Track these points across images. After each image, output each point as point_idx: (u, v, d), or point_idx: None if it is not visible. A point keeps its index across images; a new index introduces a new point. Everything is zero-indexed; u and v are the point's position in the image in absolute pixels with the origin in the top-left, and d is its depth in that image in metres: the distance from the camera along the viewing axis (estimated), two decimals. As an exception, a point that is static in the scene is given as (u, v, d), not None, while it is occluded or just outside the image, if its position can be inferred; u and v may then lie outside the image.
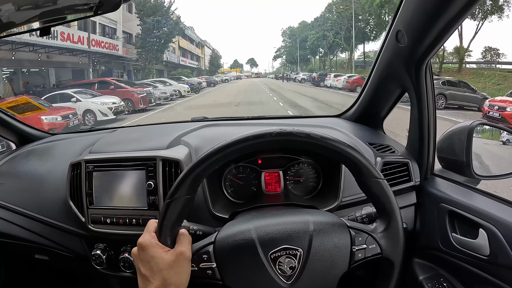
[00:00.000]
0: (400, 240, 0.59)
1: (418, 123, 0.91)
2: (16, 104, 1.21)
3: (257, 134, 0.58)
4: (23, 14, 0.80)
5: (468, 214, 0.78)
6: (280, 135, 0.58)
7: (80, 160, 0.94)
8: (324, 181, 0.96)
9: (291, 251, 0.56)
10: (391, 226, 0.59)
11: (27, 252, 1.13)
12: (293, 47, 38.07)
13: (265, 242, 0.57)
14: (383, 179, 0.59)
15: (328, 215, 0.62)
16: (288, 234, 0.57)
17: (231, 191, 0.97)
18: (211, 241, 0.59)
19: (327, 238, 0.57)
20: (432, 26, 0.72)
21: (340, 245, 0.57)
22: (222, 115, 1.51)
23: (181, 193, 0.57)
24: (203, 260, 0.58)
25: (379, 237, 0.59)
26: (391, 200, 0.59)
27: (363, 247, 0.58)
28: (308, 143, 0.59)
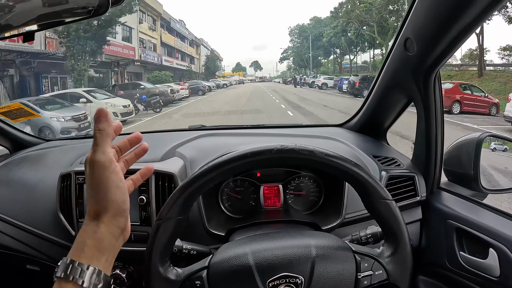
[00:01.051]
0: (408, 265, 0.55)
1: (425, 135, 0.87)
2: (9, 110, 1.18)
3: (256, 151, 0.54)
4: (21, 18, 0.77)
5: (477, 232, 0.74)
6: (281, 152, 0.54)
7: (70, 171, 0.90)
8: (326, 196, 0.92)
9: (291, 279, 0.52)
10: (399, 251, 0.55)
11: (18, 263, 1.09)
12: (302, 47, 34.32)
13: (263, 269, 0.53)
14: (391, 200, 0.56)
15: (331, 238, 0.59)
16: (289, 260, 0.54)
17: (228, 205, 0.93)
18: (205, 265, 0.55)
19: (330, 264, 0.54)
20: (444, 34, 0.68)
21: (344, 272, 0.53)
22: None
23: (172, 213, 0.54)
24: (195, 286, 0.54)
25: (386, 262, 0.55)
26: (399, 223, 0.55)
27: (369, 273, 0.54)
28: (311, 161, 0.55)
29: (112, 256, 0.46)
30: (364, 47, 26.96)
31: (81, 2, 0.77)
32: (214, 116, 9.81)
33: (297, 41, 35.81)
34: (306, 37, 33.45)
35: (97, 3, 0.73)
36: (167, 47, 24.46)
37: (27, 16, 0.77)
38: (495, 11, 0.61)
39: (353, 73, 23.69)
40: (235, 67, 46.77)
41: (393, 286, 0.55)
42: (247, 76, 45.53)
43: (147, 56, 20.32)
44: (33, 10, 0.75)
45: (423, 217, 0.90)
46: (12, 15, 0.76)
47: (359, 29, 23.47)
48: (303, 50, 33.92)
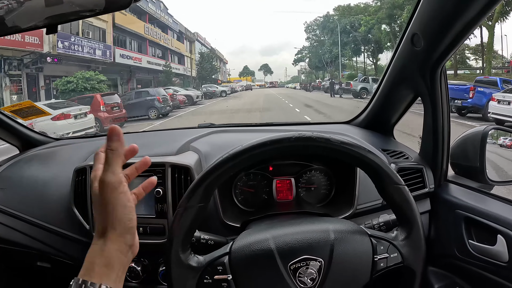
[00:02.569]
0: (422, 248, 0.57)
1: (432, 129, 0.89)
2: (20, 108, 1.19)
3: (275, 139, 0.56)
4: (28, 19, 0.79)
5: (485, 220, 0.76)
6: (299, 140, 0.56)
7: (85, 166, 0.91)
8: (337, 189, 0.94)
9: (311, 261, 0.54)
10: (412, 234, 0.57)
11: (29, 259, 1.10)
12: (320, 46, 27.80)
13: (284, 253, 0.55)
14: (404, 185, 0.58)
15: (348, 223, 0.60)
16: (308, 244, 0.55)
17: (241, 199, 0.94)
18: (226, 251, 0.57)
19: (348, 247, 0.55)
20: (450, 29, 0.70)
21: (361, 255, 0.55)
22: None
23: (194, 200, 0.55)
24: (217, 272, 0.55)
25: (401, 245, 0.57)
26: (412, 207, 0.57)
27: (385, 256, 0.56)
28: (327, 149, 0.57)
29: (122, 271, 0.46)
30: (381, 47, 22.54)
31: (88, 5, 0.79)
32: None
33: (314, 39, 29.16)
34: (331, 29, 26.08)
35: (103, 6, 0.76)
36: (131, 36, 16.58)
37: (34, 18, 0.79)
38: (497, 5, 0.63)
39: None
40: (242, 70, 40.20)
41: (408, 270, 0.57)
42: (256, 81, 39.54)
43: (75, 46, 11.80)
44: (41, 12, 0.77)
45: (431, 208, 0.92)
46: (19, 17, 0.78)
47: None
48: (323, 49, 27.60)
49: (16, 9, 0.77)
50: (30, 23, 0.80)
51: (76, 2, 0.78)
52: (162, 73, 19.46)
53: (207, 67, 25.52)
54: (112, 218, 0.46)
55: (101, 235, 0.46)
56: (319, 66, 29.18)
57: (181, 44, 23.68)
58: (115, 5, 0.74)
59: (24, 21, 0.80)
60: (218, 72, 28.89)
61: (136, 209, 0.87)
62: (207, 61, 25.91)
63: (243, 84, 29.91)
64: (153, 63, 19.13)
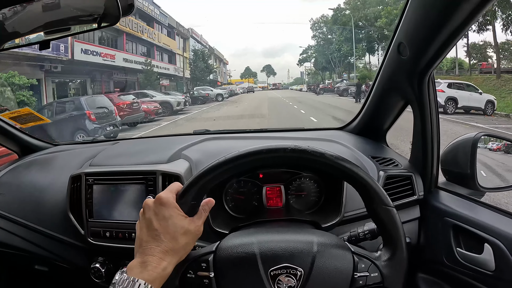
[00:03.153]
0: (403, 271, 0.58)
1: (421, 135, 0.90)
2: (18, 115, 1.22)
3: (271, 148, 0.58)
4: (28, 25, 0.81)
5: (473, 228, 0.77)
6: (294, 152, 0.57)
7: (80, 173, 0.94)
8: (326, 196, 0.95)
9: (292, 270, 0.55)
10: (396, 256, 0.58)
11: (26, 263, 1.12)
12: (327, 44, 25.49)
13: (266, 258, 0.56)
14: (393, 207, 0.58)
15: (332, 237, 0.61)
16: (291, 253, 0.56)
17: (231, 205, 0.95)
18: (212, 250, 0.59)
19: (329, 260, 0.56)
20: (434, 38, 0.71)
21: (342, 270, 0.56)
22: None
23: (188, 197, 0.56)
24: (201, 268, 0.57)
25: (383, 265, 0.58)
26: (398, 230, 0.58)
27: (365, 274, 0.57)
28: (321, 163, 0.58)
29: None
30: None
31: (87, 10, 0.81)
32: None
33: (321, 37, 26.52)
34: (344, 23, 22.91)
35: (102, 11, 0.77)
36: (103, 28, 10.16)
37: (33, 23, 0.81)
38: (481, 14, 0.64)
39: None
40: (244, 72, 37.98)
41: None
42: (258, 82, 37.21)
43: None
44: (40, 18, 0.79)
45: (421, 215, 0.92)
46: (20, 23, 0.80)
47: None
48: (330, 48, 25.07)
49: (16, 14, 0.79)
50: (30, 29, 0.82)
51: (74, 6, 0.80)
52: (142, 73, 16.15)
53: (201, 66, 21.70)
54: (183, 252, 0.57)
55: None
56: (326, 67, 26.94)
57: (172, 40, 20.04)
58: (109, 18, 0.76)
59: (24, 27, 0.82)
60: (215, 72, 25.87)
61: (129, 216, 0.89)
62: (202, 59, 22.08)
63: (244, 86, 27.78)
64: (133, 61, 15.65)
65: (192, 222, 0.55)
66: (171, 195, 0.56)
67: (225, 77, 32.42)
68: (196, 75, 21.60)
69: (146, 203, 0.57)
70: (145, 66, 16.28)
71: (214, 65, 26.65)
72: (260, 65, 42.66)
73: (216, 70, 27.50)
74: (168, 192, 0.56)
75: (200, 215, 0.57)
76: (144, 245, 0.53)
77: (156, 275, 0.50)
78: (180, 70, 20.58)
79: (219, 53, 31.50)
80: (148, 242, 0.53)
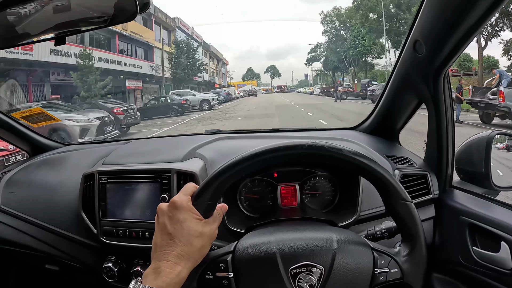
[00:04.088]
0: (423, 266, 0.57)
1: (436, 134, 0.89)
2: (30, 114, 1.23)
3: (288, 145, 0.57)
4: (38, 26, 0.81)
5: (489, 226, 0.76)
6: (311, 148, 0.57)
7: (93, 172, 0.94)
8: (341, 195, 0.94)
9: (312, 268, 0.55)
10: (415, 251, 0.57)
11: (37, 262, 1.13)
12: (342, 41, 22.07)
13: (286, 257, 0.55)
14: (411, 202, 0.58)
15: (351, 234, 0.61)
16: (311, 250, 0.56)
17: (246, 205, 0.95)
18: (230, 250, 0.58)
19: (350, 257, 0.56)
20: (451, 35, 0.71)
21: (362, 266, 0.56)
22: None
23: (205, 197, 0.56)
24: (219, 269, 0.56)
25: (402, 261, 0.57)
26: (417, 224, 0.58)
27: (385, 270, 0.56)
28: (338, 159, 0.58)
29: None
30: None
31: (97, 12, 0.81)
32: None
33: (333, 33, 22.93)
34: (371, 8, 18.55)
35: (112, 12, 0.77)
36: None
37: (44, 24, 0.81)
38: (497, 11, 0.64)
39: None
40: (246, 73, 34.46)
41: (407, 286, 0.57)
42: (262, 85, 34.25)
43: None
44: (51, 19, 0.79)
45: (436, 215, 0.92)
46: (31, 24, 0.80)
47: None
48: (344, 45, 21.66)
49: (27, 17, 0.79)
50: (40, 30, 0.82)
51: (84, 8, 0.80)
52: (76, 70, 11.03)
53: (184, 63, 16.59)
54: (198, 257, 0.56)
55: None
56: (338, 67, 23.17)
57: (147, 29, 15.67)
58: (122, 16, 0.76)
59: (35, 29, 0.82)
60: (204, 71, 21.65)
61: (143, 215, 0.89)
62: (187, 54, 17.01)
63: (246, 89, 25.55)
64: (64, 52, 11.02)
65: (207, 225, 0.55)
66: (185, 198, 0.55)
67: (224, 78, 29.99)
68: (178, 74, 16.64)
69: (160, 207, 0.56)
70: (82, 58, 10.54)
71: (210, 63, 23.24)
72: (264, 67, 38.64)
73: (207, 68, 23.49)
74: (182, 195, 0.56)
75: (215, 218, 0.57)
76: (159, 250, 0.53)
77: (170, 281, 0.50)
78: (160, 69, 15.65)
79: (217, 51, 27.90)
80: (162, 247, 0.53)
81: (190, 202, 0.55)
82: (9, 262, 1.24)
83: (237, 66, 46.11)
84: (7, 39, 0.83)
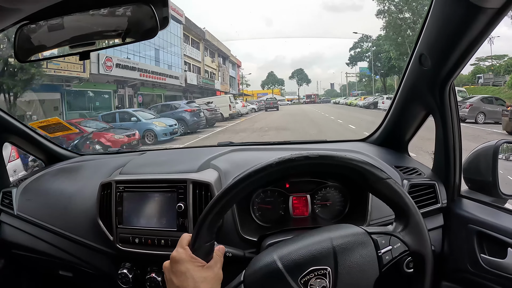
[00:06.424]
0: (424, 232, 0.58)
1: (443, 144, 0.91)
2: (47, 124, 1.28)
3: (258, 168, 0.59)
4: (54, 39, 0.85)
5: (496, 234, 0.77)
6: (280, 164, 0.59)
7: (111, 181, 0.97)
8: (351, 205, 0.96)
9: (319, 271, 0.56)
10: (410, 222, 0.59)
11: (51, 268, 1.15)
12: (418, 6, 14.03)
13: (291, 269, 0.57)
14: (389, 178, 0.60)
15: (346, 227, 0.62)
16: (312, 256, 0.58)
17: (258, 215, 0.97)
18: (240, 280, 0.60)
19: (350, 250, 0.57)
20: (454, 48, 0.74)
21: (365, 254, 0.57)
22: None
23: (200, 242, 0.59)
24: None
25: (402, 235, 0.59)
26: (403, 197, 0.59)
27: (389, 248, 0.58)
28: (309, 165, 0.60)
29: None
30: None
31: (111, 26, 0.85)
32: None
33: (394, 12, 15.28)
34: None
35: (126, 27, 0.81)
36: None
37: (60, 38, 0.85)
38: (498, 24, 0.66)
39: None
40: (267, 79, 27.10)
41: (417, 255, 0.58)
42: (286, 94, 27.01)
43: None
44: (66, 32, 0.83)
45: (444, 224, 0.93)
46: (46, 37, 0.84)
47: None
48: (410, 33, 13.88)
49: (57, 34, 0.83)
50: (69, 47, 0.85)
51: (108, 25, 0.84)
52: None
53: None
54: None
55: None
56: (396, 67, 15.07)
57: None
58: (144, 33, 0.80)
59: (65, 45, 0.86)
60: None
61: (159, 223, 0.93)
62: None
63: (263, 99, 17.58)
64: None
65: (209, 269, 0.58)
66: (182, 250, 0.59)
67: (234, 84, 22.60)
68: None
69: (164, 265, 0.60)
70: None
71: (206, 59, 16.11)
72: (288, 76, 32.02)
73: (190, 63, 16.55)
74: (179, 248, 0.60)
75: (216, 260, 0.60)
76: None
77: None
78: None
79: (219, 43, 19.38)
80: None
81: (188, 252, 0.58)
82: (22, 267, 1.27)
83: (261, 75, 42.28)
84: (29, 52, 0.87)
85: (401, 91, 1.02)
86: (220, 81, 20.47)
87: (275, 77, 26.53)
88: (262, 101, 17.28)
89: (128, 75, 13.80)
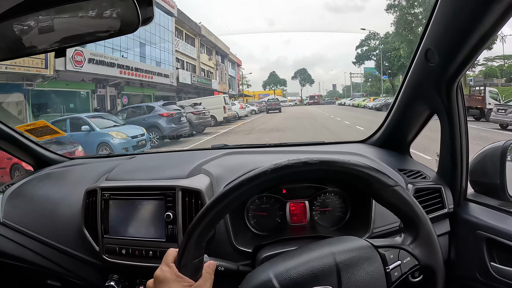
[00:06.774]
0: (435, 244, 0.53)
1: (450, 146, 0.86)
2: (34, 127, 1.22)
3: (251, 176, 0.53)
4: (45, 40, 0.81)
5: (507, 241, 0.73)
6: (275, 171, 0.53)
7: (96, 187, 0.92)
8: (353, 211, 0.91)
9: None
10: (421, 233, 0.54)
11: (39, 277, 1.11)
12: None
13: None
14: (397, 185, 0.54)
15: (350, 240, 0.57)
16: (313, 274, 0.52)
17: (254, 222, 0.92)
18: None
19: (355, 267, 0.52)
20: (465, 42, 0.69)
21: (372, 271, 0.51)
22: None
23: (187, 260, 0.53)
24: None
25: (412, 248, 0.53)
26: (412, 206, 0.54)
27: (397, 263, 0.52)
28: (309, 172, 0.54)
29: None
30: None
31: (103, 27, 0.81)
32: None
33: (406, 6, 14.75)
34: None
35: (118, 27, 0.77)
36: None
37: (51, 39, 0.81)
38: (510, 18, 0.61)
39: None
40: (268, 79, 26.54)
41: (427, 269, 0.54)
42: (288, 94, 26.31)
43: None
44: (58, 33, 0.79)
45: (451, 229, 0.89)
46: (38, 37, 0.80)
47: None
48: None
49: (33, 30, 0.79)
50: (46, 44, 0.82)
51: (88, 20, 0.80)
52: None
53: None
54: None
55: None
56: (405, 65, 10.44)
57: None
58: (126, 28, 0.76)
59: (41, 42, 0.82)
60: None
61: (147, 233, 0.87)
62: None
63: (264, 100, 16.40)
64: None
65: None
66: (167, 269, 0.53)
67: (234, 84, 21.69)
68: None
69: (148, 285, 0.54)
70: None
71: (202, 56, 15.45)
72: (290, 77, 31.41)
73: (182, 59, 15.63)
74: (164, 266, 0.54)
75: (205, 279, 0.54)
76: None
77: None
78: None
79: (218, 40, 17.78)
80: None
81: (174, 271, 0.52)
82: (10, 276, 1.22)
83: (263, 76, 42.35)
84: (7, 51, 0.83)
85: (404, 89, 0.97)
86: (218, 80, 19.26)
87: (277, 77, 26.10)
88: (263, 102, 16.38)
89: (105, 72, 11.78)
